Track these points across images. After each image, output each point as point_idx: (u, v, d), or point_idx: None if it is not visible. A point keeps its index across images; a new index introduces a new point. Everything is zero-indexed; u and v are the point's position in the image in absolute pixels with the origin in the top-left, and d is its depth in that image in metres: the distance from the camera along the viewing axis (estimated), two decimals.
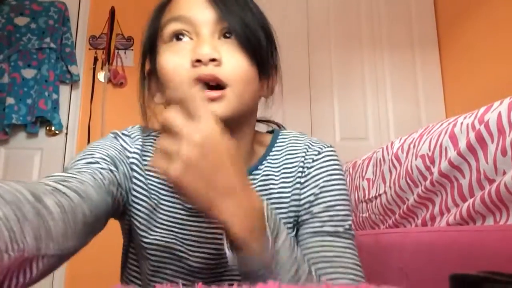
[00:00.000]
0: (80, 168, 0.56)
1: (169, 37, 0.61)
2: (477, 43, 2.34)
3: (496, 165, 0.69)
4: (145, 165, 0.65)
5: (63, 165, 2.42)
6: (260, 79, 0.63)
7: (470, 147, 0.75)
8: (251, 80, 0.61)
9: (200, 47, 0.57)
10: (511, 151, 0.66)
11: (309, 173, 0.65)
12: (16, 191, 0.37)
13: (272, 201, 0.64)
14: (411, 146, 0.94)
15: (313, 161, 0.65)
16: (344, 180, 0.66)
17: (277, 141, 0.70)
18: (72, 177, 0.50)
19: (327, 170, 0.65)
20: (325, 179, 0.64)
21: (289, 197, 0.64)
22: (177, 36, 0.60)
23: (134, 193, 0.64)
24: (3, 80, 2.35)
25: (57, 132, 2.44)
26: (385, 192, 1.01)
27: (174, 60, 0.59)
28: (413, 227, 0.93)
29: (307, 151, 0.67)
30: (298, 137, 0.70)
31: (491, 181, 0.71)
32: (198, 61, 0.57)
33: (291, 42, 2.63)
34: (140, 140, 0.67)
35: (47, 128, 2.43)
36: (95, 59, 2.56)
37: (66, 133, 2.47)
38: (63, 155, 2.44)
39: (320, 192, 0.63)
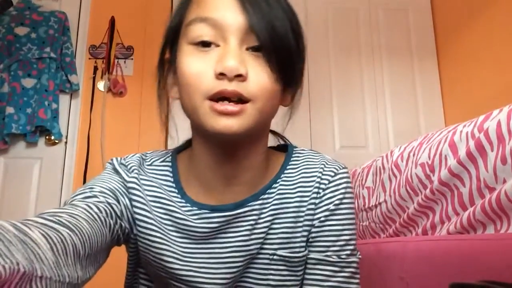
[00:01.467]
0: (75, 203, 0.55)
1: (194, 40, 0.57)
2: (475, 51, 2.36)
3: (496, 173, 0.69)
4: (148, 195, 0.63)
5: (63, 175, 2.42)
6: (284, 90, 0.61)
7: (469, 155, 0.75)
8: (275, 95, 0.58)
9: (226, 60, 0.54)
10: (511, 159, 0.66)
11: (324, 195, 0.64)
12: None
13: (287, 220, 0.63)
14: (411, 154, 0.94)
15: (329, 182, 0.64)
16: (353, 203, 0.66)
17: (292, 159, 0.68)
18: (63, 212, 0.49)
19: (340, 193, 0.64)
20: (336, 202, 0.63)
21: (304, 216, 0.63)
22: (204, 43, 0.56)
23: (140, 224, 0.62)
24: (3, 90, 2.35)
25: (56, 141, 2.44)
26: (385, 201, 1.01)
27: (198, 66, 0.56)
28: (414, 236, 0.93)
29: (323, 171, 0.65)
30: (313, 155, 0.69)
31: (491, 189, 0.71)
32: (223, 74, 0.54)
33: None
34: (136, 170, 0.64)
35: (47, 137, 2.43)
36: (95, 69, 2.57)
37: (66, 142, 2.47)
38: (63, 164, 2.44)
39: (330, 215, 0.63)
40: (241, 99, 0.54)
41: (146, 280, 0.68)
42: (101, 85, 2.55)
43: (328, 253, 0.62)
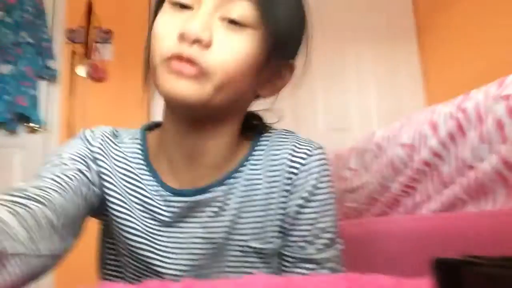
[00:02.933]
0: (44, 174, 0.53)
1: (173, 1, 0.53)
2: (455, 32, 2.38)
3: (476, 152, 0.71)
4: (116, 167, 0.60)
5: None
6: (266, 75, 0.57)
7: (450, 135, 0.76)
8: (243, 76, 0.52)
9: (189, 22, 0.50)
10: (490, 138, 0.68)
11: (297, 179, 0.59)
12: None
13: (257, 208, 0.59)
14: (392, 135, 0.95)
15: (302, 165, 0.59)
16: (330, 187, 0.60)
17: (261, 139, 0.63)
18: (30, 186, 0.47)
19: (314, 179, 0.58)
20: (309, 189, 0.58)
21: (276, 203, 0.59)
22: (181, 5, 0.53)
23: (108, 193, 0.59)
24: None
25: (36, 128, 2.40)
26: (368, 181, 1.03)
27: (164, 27, 0.52)
28: (398, 215, 0.94)
29: (294, 153, 0.60)
30: (283, 136, 0.63)
31: (471, 168, 0.72)
32: (183, 37, 0.50)
33: None
34: (101, 139, 0.61)
35: (26, 125, 2.39)
36: (73, 54, 2.52)
37: (46, 130, 2.43)
38: (44, 152, 2.40)
39: (305, 202, 0.58)
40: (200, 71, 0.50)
41: (113, 255, 0.65)
42: (80, 70, 2.50)
43: (302, 244, 0.58)
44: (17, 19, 2.40)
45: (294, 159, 0.59)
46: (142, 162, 0.62)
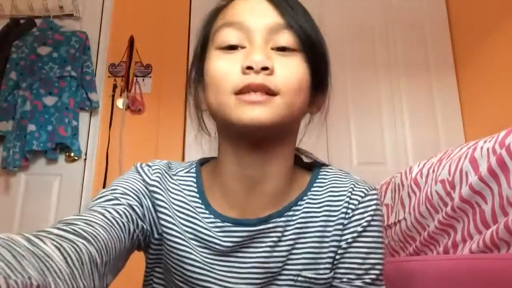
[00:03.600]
0: (94, 208, 0.55)
1: (221, 45, 0.59)
2: (494, 66, 2.33)
3: None
4: (172, 200, 0.63)
5: (82, 191, 2.45)
6: (312, 94, 0.62)
7: (491, 172, 0.73)
8: (304, 92, 0.59)
9: (253, 54, 0.55)
10: None
11: (352, 216, 0.62)
12: (8, 237, 0.35)
13: (312, 240, 0.62)
14: (430, 171, 0.92)
15: (359, 203, 0.62)
16: (382, 226, 0.63)
17: (319, 177, 0.67)
18: (79, 219, 0.48)
19: (369, 215, 0.62)
20: (364, 224, 0.61)
21: (330, 236, 0.62)
22: (231, 47, 0.58)
23: (164, 226, 0.61)
24: (25, 108, 2.41)
25: (76, 158, 2.48)
26: (404, 219, 0.99)
27: (225, 66, 0.57)
28: (435, 254, 0.90)
29: (353, 191, 0.63)
30: (342, 175, 0.67)
31: None
32: (249, 68, 0.55)
33: None
34: (159, 173, 0.64)
35: (67, 154, 2.47)
36: (114, 87, 2.62)
37: (85, 159, 2.51)
38: (82, 181, 2.47)
39: (357, 237, 0.61)
40: (268, 93, 0.55)
41: (162, 285, 0.66)
42: (120, 102, 2.60)
43: (351, 276, 0.60)
44: (63, 54, 2.54)
45: (352, 196, 0.63)
46: (196, 194, 0.65)
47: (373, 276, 0.60)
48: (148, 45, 2.69)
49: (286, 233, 0.61)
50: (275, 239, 0.61)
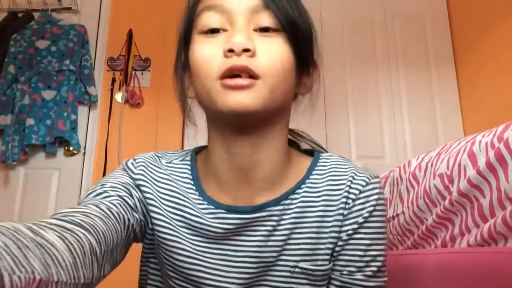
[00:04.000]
0: (87, 202, 0.55)
1: (203, 29, 0.58)
2: (493, 59, 2.32)
3: None
4: (158, 190, 0.62)
5: (81, 185, 2.45)
6: (298, 75, 0.61)
7: (489, 166, 0.73)
8: (288, 74, 0.57)
9: (233, 36, 0.54)
10: None
11: (353, 206, 0.60)
12: (13, 226, 0.35)
13: (310, 230, 0.60)
14: (429, 165, 0.92)
15: (360, 192, 0.60)
16: (384, 216, 0.61)
17: (318, 164, 0.64)
18: (76, 211, 0.49)
19: (371, 205, 0.60)
20: (365, 214, 0.59)
21: (330, 227, 0.60)
22: (212, 30, 0.58)
23: (153, 217, 0.61)
24: (24, 102, 2.41)
25: (75, 152, 2.48)
26: (403, 212, 0.99)
27: (207, 51, 0.56)
28: (433, 248, 0.91)
29: (353, 180, 0.61)
30: (342, 162, 0.65)
31: None
32: (231, 51, 0.54)
33: None
34: (143, 166, 0.64)
35: (66, 148, 2.48)
36: (113, 80, 2.62)
37: (84, 153, 2.51)
38: (81, 175, 2.47)
39: (358, 228, 0.59)
40: (251, 76, 0.54)
41: (156, 280, 0.66)
42: (118, 96, 2.59)
43: (352, 269, 0.59)
44: (61, 48, 2.53)
45: (353, 185, 0.61)
46: (190, 182, 0.64)
47: (374, 269, 0.59)
48: (147, 38, 2.68)
49: (282, 222, 0.60)
50: (270, 228, 0.59)
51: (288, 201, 0.60)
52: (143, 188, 0.62)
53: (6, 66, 2.48)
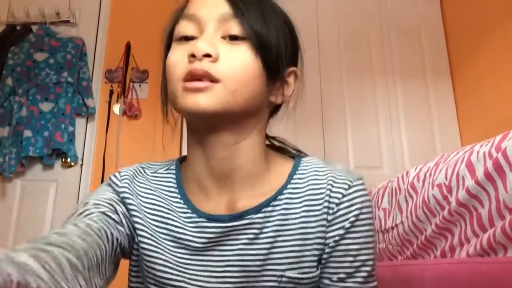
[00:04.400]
0: (67, 222, 0.55)
1: (177, 37, 0.62)
2: (490, 70, 2.34)
3: None
4: (142, 203, 0.63)
5: (78, 197, 2.44)
6: (270, 83, 0.62)
7: (488, 176, 0.73)
8: (251, 80, 0.58)
9: (196, 43, 0.58)
10: None
11: (337, 210, 0.59)
12: None
13: (293, 238, 0.59)
14: (427, 175, 0.93)
15: (343, 196, 0.59)
16: (371, 218, 0.60)
17: (299, 169, 0.64)
18: (52, 233, 0.49)
19: (356, 209, 0.59)
20: (352, 219, 0.58)
21: (314, 233, 0.59)
22: (185, 38, 0.61)
23: (137, 230, 0.61)
24: (21, 113, 2.41)
25: (72, 164, 2.48)
26: (402, 222, 0.99)
27: (176, 57, 0.60)
28: (432, 258, 0.90)
29: (334, 184, 0.60)
30: (321, 167, 0.64)
31: (511, 210, 0.69)
32: (193, 56, 0.57)
33: (303, 72, 2.66)
34: (128, 179, 0.64)
35: (63, 160, 2.47)
36: (111, 92, 2.62)
37: (82, 165, 2.50)
38: (78, 186, 2.46)
39: (346, 233, 0.58)
40: (212, 80, 0.56)
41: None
42: (116, 108, 2.59)
43: (342, 275, 0.58)
44: (59, 60, 2.54)
45: (334, 189, 0.60)
46: (175, 190, 0.65)
47: (365, 274, 0.58)
48: (145, 50, 2.69)
49: (264, 230, 0.59)
50: (251, 236, 0.59)
51: (270, 208, 0.60)
52: (127, 201, 0.62)
53: (4, 78, 2.48)
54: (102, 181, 2.43)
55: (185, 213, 0.62)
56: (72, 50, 2.57)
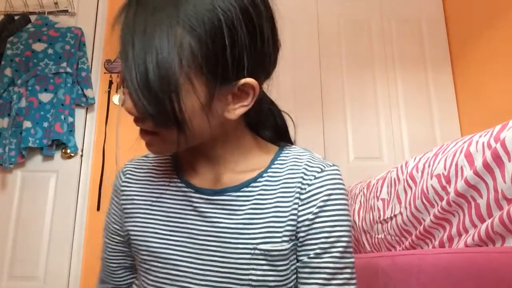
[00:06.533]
0: (104, 255, 0.78)
1: None
2: (490, 61, 2.33)
3: None
4: (141, 187, 0.72)
5: (78, 187, 2.45)
6: (222, 103, 0.58)
7: (486, 166, 0.73)
8: (172, 130, 0.58)
9: (125, 99, 0.60)
10: None
11: (309, 191, 0.64)
12: None
13: (269, 215, 0.64)
14: (426, 165, 0.93)
15: (315, 178, 0.64)
16: (345, 200, 0.65)
17: (281, 155, 0.69)
18: (106, 275, 0.78)
19: (327, 189, 0.64)
20: (324, 198, 0.63)
21: (288, 211, 0.63)
22: None
23: (128, 214, 0.72)
24: (21, 104, 2.40)
25: (72, 154, 2.48)
26: (400, 213, 1.00)
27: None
28: (431, 248, 0.91)
29: (308, 167, 0.65)
30: (301, 154, 0.69)
31: (509, 201, 0.69)
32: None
33: (303, 63, 2.65)
34: (130, 171, 0.75)
35: (63, 150, 2.47)
36: (110, 83, 2.61)
37: (81, 155, 2.50)
38: (78, 177, 2.47)
39: (319, 212, 0.63)
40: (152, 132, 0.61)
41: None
42: (116, 98, 2.59)
43: (318, 251, 0.62)
44: (58, 50, 2.52)
45: (308, 172, 0.65)
46: (170, 167, 0.73)
47: (341, 249, 0.62)
48: None
49: (242, 208, 0.64)
50: (230, 211, 0.64)
51: (249, 189, 0.65)
52: (127, 192, 0.73)
53: (3, 69, 2.47)
54: (102, 172, 2.44)
55: (177, 184, 0.69)
56: (71, 40, 2.55)
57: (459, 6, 2.66)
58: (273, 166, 0.67)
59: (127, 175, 0.74)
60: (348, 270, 0.63)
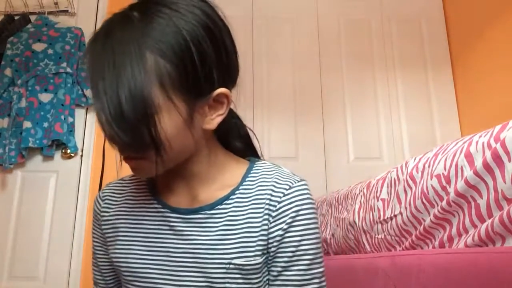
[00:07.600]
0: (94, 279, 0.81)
1: None
2: (490, 61, 2.33)
3: None
4: (119, 210, 0.75)
5: (78, 188, 2.45)
6: (199, 116, 0.63)
7: (486, 166, 0.73)
8: (152, 155, 0.61)
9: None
10: None
11: (279, 208, 0.66)
12: None
13: (240, 230, 0.66)
14: (426, 165, 0.93)
15: (284, 195, 0.67)
16: (313, 214, 0.67)
17: (251, 172, 0.72)
18: None
19: (296, 206, 0.66)
20: (292, 215, 0.66)
21: (259, 227, 0.66)
22: None
23: (109, 238, 0.74)
24: (21, 105, 2.40)
25: (72, 154, 2.48)
26: (400, 213, 1.00)
27: None
28: (431, 248, 0.91)
29: (276, 185, 0.68)
30: (269, 170, 0.71)
31: (509, 201, 0.69)
32: None
33: (303, 63, 2.65)
34: (108, 196, 0.77)
35: (63, 151, 2.47)
36: None
37: (82, 155, 2.50)
38: (78, 177, 2.47)
39: (288, 228, 0.65)
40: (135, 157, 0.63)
41: None
42: None
43: (286, 264, 0.65)
44: (58, 50, 2.52)
45: (276, 189, 0.67)
46: (146, 188, 0.75)
47: (307, 262, 0.65)
48: None
49: (216, 224, 0.67)
50: (205, 228, 0.67)
51: (223, 206, 0.68)
52: (105, 217, 0.76)
53: (3, 69, 2.48)
54: (102, 172, 2.44)
55: (154, 206, 0.72)
56: (71, 40, 2.55)
57: (459, 6, 2.66)
58: (244, 183, 0.70)
59: (106, 201, 0.77)
60: (316, 280, 0.66)
